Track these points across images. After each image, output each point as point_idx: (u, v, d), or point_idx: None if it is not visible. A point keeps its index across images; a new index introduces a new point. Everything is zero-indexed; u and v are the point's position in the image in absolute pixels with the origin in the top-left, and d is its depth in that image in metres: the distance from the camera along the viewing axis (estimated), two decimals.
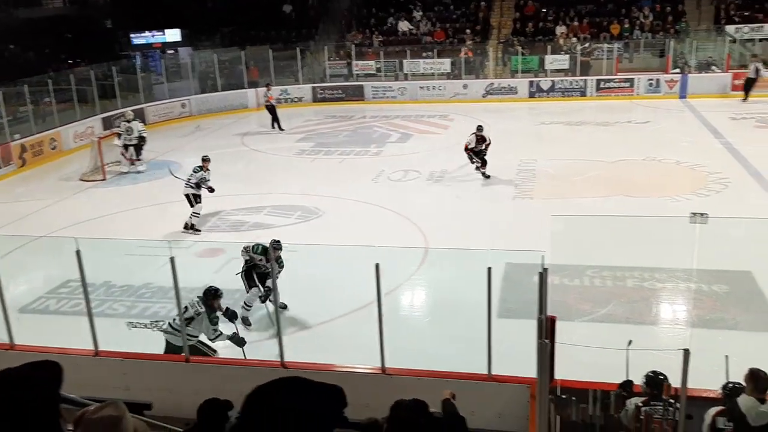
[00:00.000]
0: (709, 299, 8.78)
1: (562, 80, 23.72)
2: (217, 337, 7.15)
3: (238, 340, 7.20)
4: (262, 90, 23.68)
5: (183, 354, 6.68)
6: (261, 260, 8.41)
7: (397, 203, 13.04)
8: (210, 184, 12.17)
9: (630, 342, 5.54)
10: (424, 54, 25.67)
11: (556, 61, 24.25)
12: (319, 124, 21.87)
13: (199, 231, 12.01)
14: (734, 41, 23.96)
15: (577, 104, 22.64)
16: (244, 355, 7.09)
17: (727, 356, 5.47)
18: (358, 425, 2.97)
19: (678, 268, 9.28)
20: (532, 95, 23.73)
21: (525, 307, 5.95)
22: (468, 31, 26.33)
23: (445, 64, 25.08)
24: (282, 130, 20.72)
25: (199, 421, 2.64)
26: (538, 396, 5.11)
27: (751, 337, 7.72)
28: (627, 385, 5.27)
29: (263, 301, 8.53)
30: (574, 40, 24.96)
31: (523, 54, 24.48)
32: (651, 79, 23.03)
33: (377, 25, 27.91)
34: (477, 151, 14.09)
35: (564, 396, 5.24)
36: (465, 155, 14.28)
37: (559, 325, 5.49)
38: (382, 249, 9.62)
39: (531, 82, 23.86)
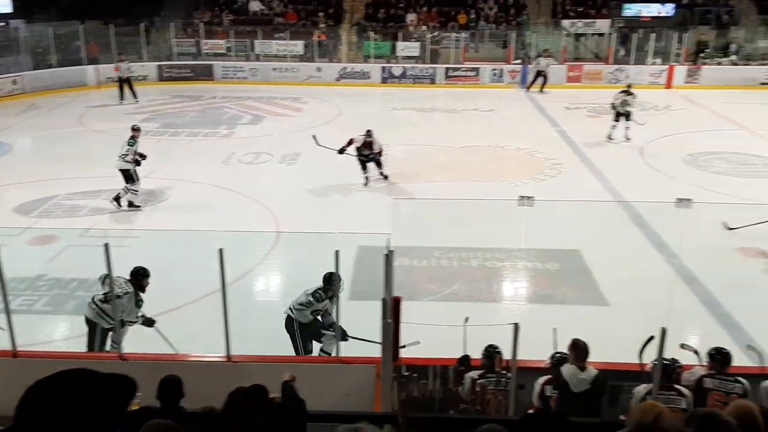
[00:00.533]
0: (542, 276, 9.42)
1: (413, 67, 24.27)
2: (136, 321, 6.96)
3: (147, 321, 7.00)
4: (102, 66, 22.49)
5: (11, 349, 6.19)
6: (326, 305, 6.97)
7: (248, 186, 12.80)
8: (140, 151, 11.64)
9: (467, 319, 5.83)
10: (276, 35, 25.26)
11: (407, 48, 24.78)
12: (165, 103, 20.93)
13: (140, 206, 11.68)
14: (569, 35, 25.72)
15: (427, 91, 23.25)
16: (164, 338, 6.82)
17: (555, 328, 5.91)
18: (195, 414, 2.90)
19: (516, 248, 9.87)
20: (384, 81, 24.09)
21: (375, 289, 6.06)
22: (321, 14, 26.21)
23: (298, 46, 24.82)
24: (125, 100, 20.44)
25: (17, 418, 2.45)
26: (383, 375, 5.25)
27: (577, 310, 8.39)
28: (465, 359, 5.55)
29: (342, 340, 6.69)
30: (424, 28, 25.60)
31: (375, 40, 24.78)
32: (495, 69, 24.13)
33: (227, 4, 27.08)
34: (363, 156, 13.12)
35: (406, 373, 5.42)
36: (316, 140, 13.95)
37: (406, 304, 5.65)
38: (232, 233, 9.49)
39: (383, 68, 24.20)
